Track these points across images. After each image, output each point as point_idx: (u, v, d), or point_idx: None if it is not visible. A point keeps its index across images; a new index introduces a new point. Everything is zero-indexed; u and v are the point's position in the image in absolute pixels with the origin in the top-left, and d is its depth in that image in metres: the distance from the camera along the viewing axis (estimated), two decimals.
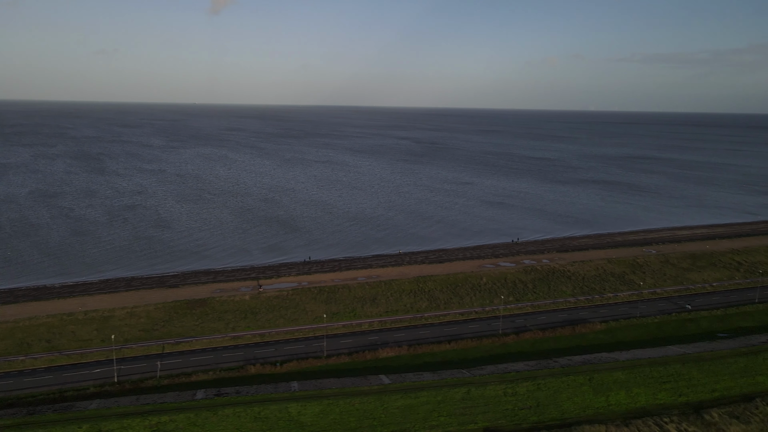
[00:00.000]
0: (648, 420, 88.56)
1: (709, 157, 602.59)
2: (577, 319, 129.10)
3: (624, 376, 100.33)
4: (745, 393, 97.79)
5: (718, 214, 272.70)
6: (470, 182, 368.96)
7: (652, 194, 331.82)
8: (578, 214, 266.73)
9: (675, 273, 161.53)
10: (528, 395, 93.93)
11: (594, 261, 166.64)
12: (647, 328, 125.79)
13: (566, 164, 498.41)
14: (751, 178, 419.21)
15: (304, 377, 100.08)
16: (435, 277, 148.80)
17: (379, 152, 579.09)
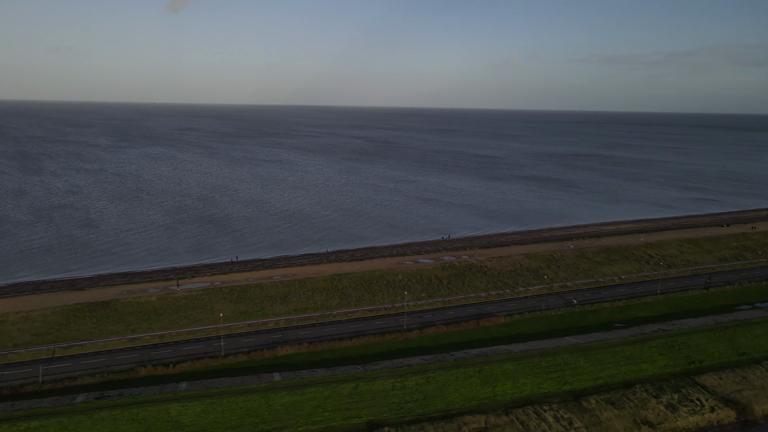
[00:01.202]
0: (528, 408, 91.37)
1: (650, 154, 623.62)
2: (484, 313, 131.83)
3: (513, 367, 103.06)
4: (627, 380, 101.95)
5: (643, 209, 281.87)
6: (414, 180, 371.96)
7: (587, 191, 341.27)
8: (512, 211, 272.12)
9: (588, 267, 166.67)
10: (416, 388, 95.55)
11: (512, 256, 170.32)
12: (549, 321, 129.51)
13: (511, 162, 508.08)
14: (680, 174, 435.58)
15: (196, 377, 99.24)
16: (351, 274, 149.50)
17: (330, 151, 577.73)
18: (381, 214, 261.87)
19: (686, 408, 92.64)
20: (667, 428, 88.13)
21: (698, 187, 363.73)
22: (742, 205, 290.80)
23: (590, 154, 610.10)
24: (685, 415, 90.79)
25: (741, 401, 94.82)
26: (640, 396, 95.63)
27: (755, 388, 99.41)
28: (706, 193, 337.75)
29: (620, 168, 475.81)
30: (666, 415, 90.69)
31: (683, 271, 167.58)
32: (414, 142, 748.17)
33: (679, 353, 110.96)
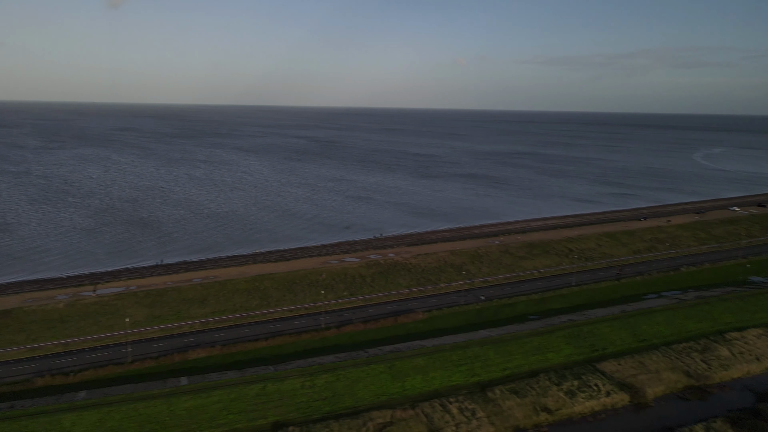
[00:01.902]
0: (435, 402, 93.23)
1: (584, 152, 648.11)
2: (403, 309, 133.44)
3: (424, 361, 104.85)
4: (533, 369, 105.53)
5: (571, 205, 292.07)
6: (353, 179, 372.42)
7: (521, 188, 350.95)
8: (446, 209, 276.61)
9: (510, 261, 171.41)
10: (326, 387, 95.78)
11: (438, 253, 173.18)
12: (466, 315, 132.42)
13: (451, 161, 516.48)
14: (607, 171, 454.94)
15: (98, 386, 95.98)
16: (274, 275, 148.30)
17: (273, 152, 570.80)
18: (316, 213, 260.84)
19: (584, 394, 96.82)
20: (564, 414, 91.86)
21: (623, 183, 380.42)
22: (661, 200, 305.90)
23: (529, 152, 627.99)
24: (581, 401, 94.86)
25: (635, 385, 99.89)
26: (543, 384, 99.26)
27: (650, 372, 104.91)
28: (630, 189, 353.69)
29: (554, 165, 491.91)
30: (564, 401, 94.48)
31: (599, 264, 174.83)
32: (358, 141, 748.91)
33: (584, 342, 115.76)
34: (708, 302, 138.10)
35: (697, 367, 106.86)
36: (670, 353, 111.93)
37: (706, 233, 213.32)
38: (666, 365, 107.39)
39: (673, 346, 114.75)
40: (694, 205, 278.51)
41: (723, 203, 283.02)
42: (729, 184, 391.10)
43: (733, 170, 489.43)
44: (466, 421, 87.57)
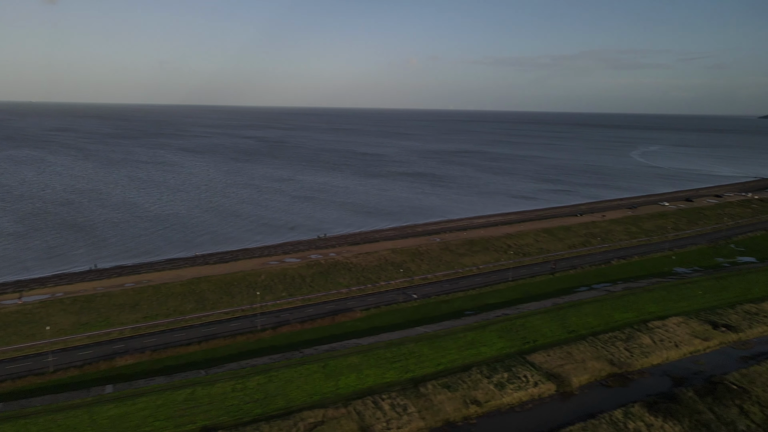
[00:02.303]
0: (367, 399, 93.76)
1: (528, 150, 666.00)
2: (342, 308, 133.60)
3: (358, 359, 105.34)
4: (466, 363, 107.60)
5: (513, 202, 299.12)
6: (299, 179, 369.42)
7: (465, 186, 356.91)
8: (391, 208, 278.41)
9: (450, 259, 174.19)
10: (258, 388, 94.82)
11: (379, 252, 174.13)
12: (404, 313, 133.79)
13: (398, 160, 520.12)
14: (549, 169, 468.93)
15: (16, 397, 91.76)
16: (211, 277, 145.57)
17: (219, 152, 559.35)
18: (260, 214, 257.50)
19: (513, 385, 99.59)
20: (493, 405, 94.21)
21: (563, 181, 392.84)
22: (598, 196, 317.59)
23: (476, 151, 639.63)
24: (510, 392, 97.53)
25: (561, 375, 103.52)
26: (475, 377, 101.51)
27: (576, 361, 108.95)
28: (570, 186, 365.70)
29: (499, 164, 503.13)
30: (494, 393, 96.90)
31: (536, 259, 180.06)
32: (307, 141, 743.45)
33: (517, 335, 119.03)
34: (634, 293, 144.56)
35: (620, 355, 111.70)
36: (596, 343, 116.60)
37: (637, 227, 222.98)
38: (592, 354, 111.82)
39: (600, 336, 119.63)
40: (628, 201, 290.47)
41: (655, 198, 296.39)
42: (661, 180, 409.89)
43: (666, 167, 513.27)
44: (397, 417, 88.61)
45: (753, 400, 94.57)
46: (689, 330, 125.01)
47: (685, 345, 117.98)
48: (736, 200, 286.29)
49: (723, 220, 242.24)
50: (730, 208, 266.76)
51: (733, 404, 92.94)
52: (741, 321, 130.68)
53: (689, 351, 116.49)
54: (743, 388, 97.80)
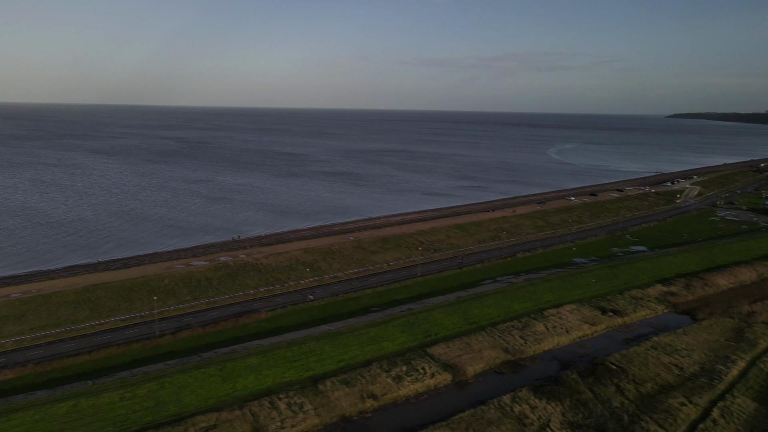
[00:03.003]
0: (264, 399, 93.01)
1: (450, 149, 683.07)
2: (247, 310, 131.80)
3: (258, 360, 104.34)
4: (368, 359, 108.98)
5: (431, 200, 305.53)
6: (218, 180, 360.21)
7: (386, 185, 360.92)
8: (310, 208, 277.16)
9: (362, 256, 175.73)
10: (149, 396, 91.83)
11: (291, 252, 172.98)
12: (311, 312, 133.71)
13: (321, 159, 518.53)
14: (468, 167, 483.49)
15: None
16: (110, 284, 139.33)
17: (135, 154, 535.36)
18: (173, 217, 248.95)
19: (410, 377, 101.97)
20: (390, 398, 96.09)
21: (482, 178, 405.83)
22: (513, 192, 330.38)
23: (400, 150, 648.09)
24: (407, 384, 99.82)
25: (458, 365, 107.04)
26: (374, 372, 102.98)
27: (473, 351, 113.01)
28: (487, 183, 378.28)
29: (421, 162, 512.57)
30: (391, 386, 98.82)
31: (446, 254, 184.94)
32: (231, 142, 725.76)
33: (419, 329, 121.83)
34: (533, 284, 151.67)
35: (515, 343, 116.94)
36: (494, 332, 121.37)
37: (544, 221, 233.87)
38: (489, 344, 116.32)
39: (498, 326, 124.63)
40: (539, 196, 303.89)
41: (563, 194, 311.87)
42: (572, 176, 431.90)
43: (578, 164, 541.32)
44: (292, 415, 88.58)
45: (629, 378, 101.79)
46: (580, 316, 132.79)
47: (575, 330, 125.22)
48: (635, 194, 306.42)
49: (622, 212, 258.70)
50: (629, 201, 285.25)
51: (611, 383, 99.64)
52: (627, 306, 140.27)
53: (578, 336, 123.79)
54: (622, 368, 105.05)
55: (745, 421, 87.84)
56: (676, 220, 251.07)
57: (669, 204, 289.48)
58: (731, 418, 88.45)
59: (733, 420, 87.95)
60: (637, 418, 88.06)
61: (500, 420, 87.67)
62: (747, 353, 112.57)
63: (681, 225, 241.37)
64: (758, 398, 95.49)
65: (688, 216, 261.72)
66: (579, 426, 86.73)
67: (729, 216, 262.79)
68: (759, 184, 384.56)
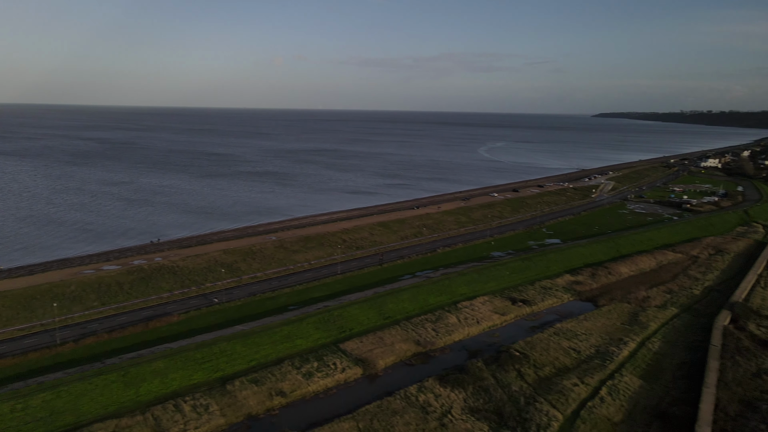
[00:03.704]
0: (168, 403, 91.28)
1: (386, 148, 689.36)
2: (159, 314, 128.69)
3: (164, 364, 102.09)
4: (280, 357, 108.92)
5: (359, 198, 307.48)
6: (140, 182, 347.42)
7: (314, 184, 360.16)
8: (236, 209, 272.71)
9: (283, 256, 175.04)
10: (42, 406, 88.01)
11: (210, 253, 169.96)
12: (226, 312, 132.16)
13: (251, 160, 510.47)
14: (397, 165, 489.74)
15: None
16: (9, 292, 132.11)
17: (51, 156, 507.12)
18: (89, 221, 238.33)
19: (321, 373, 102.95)
20: (298, 395, 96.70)
21: (412, 176, 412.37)
22: (440, 190, 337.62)
23: (332, 150, 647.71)
24: (317, 380, 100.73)
25: (369, 359, 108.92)
26: (285, 370, 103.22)
27: (386, 345, 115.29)
28: (416, 181, 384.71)
29: (352, 161, 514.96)
30: (300, 382, 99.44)
31: (368, 252, 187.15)
32: (158, 143, 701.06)
33: (334, 325, 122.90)
34: (449, 277, 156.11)
35: (426, 335, 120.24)
36: (408, 326, 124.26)
37: (466, 217, 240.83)
38: (401, 337, 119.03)
39: (413, 320, 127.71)
40: (465, 193, 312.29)
41: (488, 190, 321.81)
42: (499, 173, 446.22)
43: (506, 161, 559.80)
44: (197, 417, 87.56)
45: (530, 363, 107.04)
46: (492, 307, 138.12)
47: (486, 321, 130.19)
48: (554, 189, 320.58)
49: (540, 207, 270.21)
50: (549, 196, 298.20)
51: (512, 369, 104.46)
52: (536, 295, 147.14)
53: (488, 326, 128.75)
54: (524, 354, 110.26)
55: (629, 397, 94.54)
56: (590, 214, 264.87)
57: (585, 198, 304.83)
58: (617, 394, 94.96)
59: (619, 396, 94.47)
60: (533, 400, 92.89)
61: (404, 409, 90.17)
62: (638, 335, 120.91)
63: (594, 218, 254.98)
64: (644, 376, 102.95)
65: (601, 210, 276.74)
66: (479, 410, 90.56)
67: (637, 209, 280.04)
68: (667, 178, 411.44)
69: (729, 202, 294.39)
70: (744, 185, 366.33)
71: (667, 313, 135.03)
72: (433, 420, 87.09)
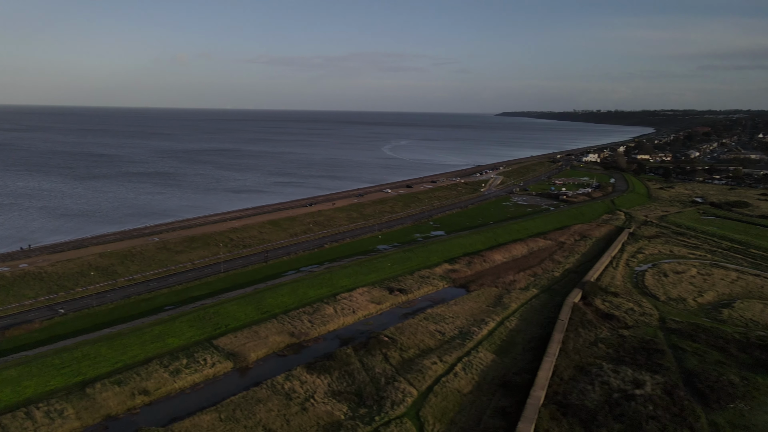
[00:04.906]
0: (19, 411, 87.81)
1: (289, 147, 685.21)
2: (19, 322, 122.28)
3: (18, 372, 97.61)
4: (149, 357, 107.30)
5: (254, 198, 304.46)
6: (11, 186, 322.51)
7: (206, 184, 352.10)
8: (121, 211, 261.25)
9: (165, 257, 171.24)
10: None
11: (84, 257, 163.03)
12: (96, 317, 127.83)
13: (141, 160, 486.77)
14: (291, 165, 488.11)
15: None
16: None
17: None
18: None
19: (189, 369, 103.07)
20: (163, 392, 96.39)
21: (308, 174, 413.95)
22: (339, 188, 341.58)
23: (230, 149, 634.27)
24: (185, 376, 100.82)
25: (241, 353, 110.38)
26: (152, 369, 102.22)
27: (260, 338, 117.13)
28: (315, 179, 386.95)
29: (249, 161, 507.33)
30: (166, 380, 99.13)
31: (255, 249, 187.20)
32: (42, 144, 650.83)
33: (209, 322, 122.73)
34: (331, 271, 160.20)
35: (302, 327, 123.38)
36: (285, 319, 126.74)
37: (358, 213, 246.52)
38: (276, 330, 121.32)
39: (290, 313, 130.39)
40: (361, 190, 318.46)
41: (384, 187, 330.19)
42: (399, 170, 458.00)
43: (407, 159, 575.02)
44: (49, 422, 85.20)
45: (397, 347, 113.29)
46: (369, 297, 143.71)
47: (362, 310, 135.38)
48: (446, 185, 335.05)
49: (431, 202, 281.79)
50: (440, 191, 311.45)
51: (379, 353, 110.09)
52: (413, 284, 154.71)
53: (364, 315, 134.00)
54: (393, 339, 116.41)
55: (481, 371, 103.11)
56: (476, 207, 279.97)
57: (474, 193, 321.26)
58: (470, 369, 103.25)
59: (472, 371, 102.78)
60: (393, 380, 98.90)
61: (269, 398, 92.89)
62: (499, 315, 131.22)
63: (479, 211, 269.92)
64: (497, 351, 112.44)
65: (488, 203, 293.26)
66: (341, 393, 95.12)
67: (520, 201, 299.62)
68: (552, 172, 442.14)
69: (600, 193, 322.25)
70: (616, 177, 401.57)
71: (528, 294, 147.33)
72: (295, 405, 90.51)
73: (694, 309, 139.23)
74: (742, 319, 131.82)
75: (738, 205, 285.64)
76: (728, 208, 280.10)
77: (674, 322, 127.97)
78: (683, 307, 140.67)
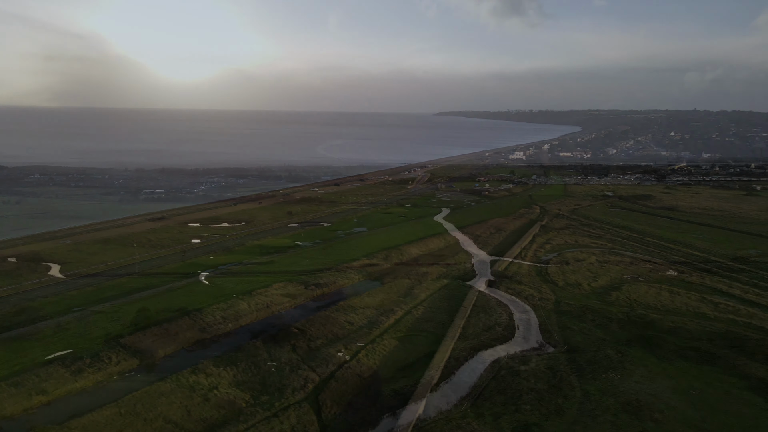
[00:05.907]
0: None
1: (215, 147, 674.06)
2: None
3: None
4: (50, 358, 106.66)
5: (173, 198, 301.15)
6: None
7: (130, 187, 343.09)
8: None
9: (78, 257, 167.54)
10: None
11: None
12: None
13: None
14: (219, 165, 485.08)
15: None
16: None
17: None
18: None
19: (93, 368, 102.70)
20: (63, 391, 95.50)
21: (235, 174, 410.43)
22: (267, 188, 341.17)
23: (157, 150, 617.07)
24: (87, 375, 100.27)
25: (149, 350, 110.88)
26: (53, 370, 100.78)
27: (170, 336, 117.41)
28: (242, 179, 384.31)
29: (173, 159, 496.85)
30: (67, 379, 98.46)
31: (174, 249, 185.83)
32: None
33: (117, 323, 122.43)
34: (248, 268, 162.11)
35: (213, 323, 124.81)
36: (197, 316, 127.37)
37: (282, 212, 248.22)
38: (187, 326, 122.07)
39: (204, 310, 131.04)
40: (289, 190, 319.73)
41: (312, 186, 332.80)
42: (329, 170, 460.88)
43: (341, 158, 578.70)
44: None
45: (306, 337, 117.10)
46: (285, 292, 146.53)
47: (276, 305, 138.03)
48: (374, 182, 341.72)
49: (356, 199, 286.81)
50: (367, 189, 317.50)
51: (288, 344, 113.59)
52: (330, 279, 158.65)
53: (277, 309, 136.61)
54: (302, 330, 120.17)
55: (383, 356, 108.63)
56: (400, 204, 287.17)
57: (401, 190, 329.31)
58: (373, 355, 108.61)
59: (374, 356, 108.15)
60: (297, 368, 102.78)
61: (172, 391, 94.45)
62: (408, 305, 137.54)
63: (402, 208, 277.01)
64: (400, 338, 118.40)
65: (413, 199, 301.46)
66: (245, 383, 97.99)
67: (444, 197, 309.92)
68: (479, 169, 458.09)
69: (520, 189, 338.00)
70: (537, 173, 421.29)
71: (438, 284, 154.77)
72: (198, 396, 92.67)
73: (587, 293, 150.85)
74: (627, 300, 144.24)
75: (643, 198, 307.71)
76: (634, 201, 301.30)
77: (567, 305, 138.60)
78: (578, 291, 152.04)
